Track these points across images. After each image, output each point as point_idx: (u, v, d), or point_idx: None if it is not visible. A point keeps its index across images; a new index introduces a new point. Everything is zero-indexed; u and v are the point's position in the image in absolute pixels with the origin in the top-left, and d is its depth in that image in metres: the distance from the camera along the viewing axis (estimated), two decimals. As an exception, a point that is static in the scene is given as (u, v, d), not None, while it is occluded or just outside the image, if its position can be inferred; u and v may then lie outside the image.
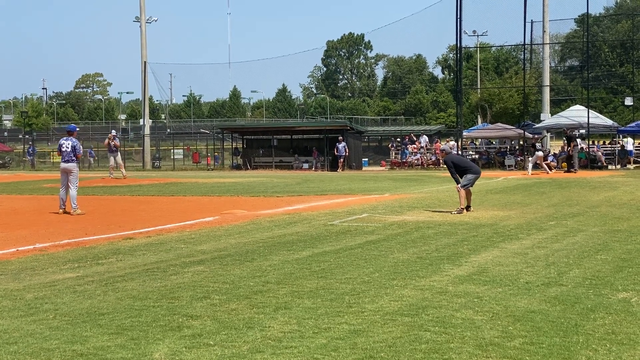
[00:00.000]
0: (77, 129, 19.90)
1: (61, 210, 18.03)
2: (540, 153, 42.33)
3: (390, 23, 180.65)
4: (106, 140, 37.45)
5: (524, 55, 59.11)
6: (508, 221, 15.15)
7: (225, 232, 13.67)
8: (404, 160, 51.39)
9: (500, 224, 14.68)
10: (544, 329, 6.41)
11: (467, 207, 17.15)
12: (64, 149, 18.46)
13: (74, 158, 18.48)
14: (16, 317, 6.89)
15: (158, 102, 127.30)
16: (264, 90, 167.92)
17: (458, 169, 17.53)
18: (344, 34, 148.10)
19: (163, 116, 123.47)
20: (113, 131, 41.69)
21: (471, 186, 17.43)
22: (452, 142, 49.40)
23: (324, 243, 12.04)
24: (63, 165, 18.52)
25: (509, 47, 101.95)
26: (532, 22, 54.20)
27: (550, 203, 19.53)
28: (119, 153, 36.98)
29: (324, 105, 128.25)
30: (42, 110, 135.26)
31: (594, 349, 5.84)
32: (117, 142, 36.66)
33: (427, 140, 54.10)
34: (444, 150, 18.97)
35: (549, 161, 41.20)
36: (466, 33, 66.51)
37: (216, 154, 60.24)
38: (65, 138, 18.78)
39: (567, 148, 40.58)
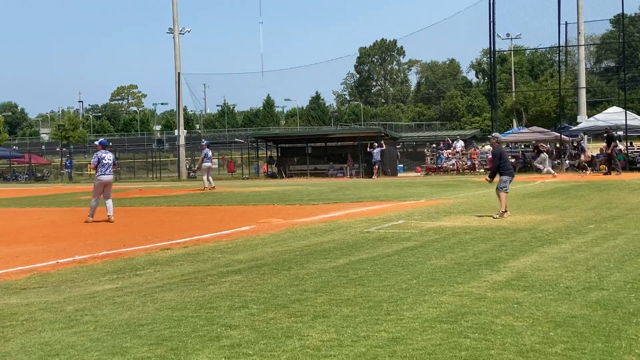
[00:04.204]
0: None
1: (91, 219, 18.60)
2: (544, 155, 42.26)
3: (423, 28, 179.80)
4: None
5: (559, 58, 58.55)
6: (546, 225, 14.99)
7: (261, 241, 13.69)
8: (440, 165, 51.14)
9: (539, 228, 14.54)
10: (585, 334, 6.33)
11: (508, 212, 17.11)
12: (106, 162, 18.95)
13: (112, 170, 19.22)
14: (57, 330, 6.94)
15: (192, 112, 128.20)
16: (298, 98, 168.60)
17: (500, 163, 17.46)
18: (377, 40, 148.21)
19: (197, 126, 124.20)
20: (205, 141, 41.84)
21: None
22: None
23: (361, 250, 12.00)
24: (106, 177, 19.07)
25: (544, 49, 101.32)
26: (566, 23, 53.67)
27: (589, 206, 19.31)
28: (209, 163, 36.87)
29: (357, 112, 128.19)
30: (79, 123, 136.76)
31: (637, 354, 5.75)
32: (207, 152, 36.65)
33: (463, 145, 53.76)
34: (497, 138, 18.50)
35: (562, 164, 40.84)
36: (500, 36, 65.95)
37: (256, 163, 60.31)
38: (104, 151, 19.18)
39: (607, 150, 40.13)
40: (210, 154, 37.21)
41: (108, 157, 19.13)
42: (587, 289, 8.24)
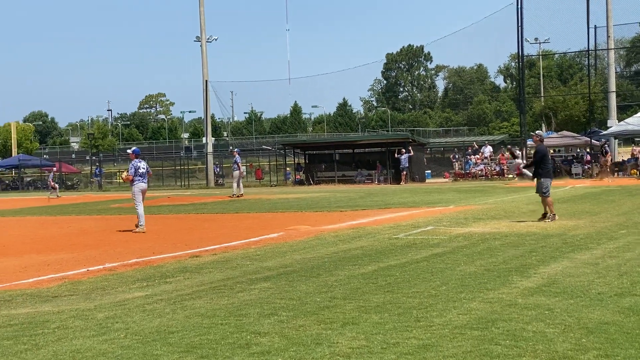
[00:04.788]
0: None
1: (143, 227, 18.47)
2: (519, 160, 42.62)
3: (450, 34, 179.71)
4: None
5: (589, 62, 58.21)
6: (577, 231, 14.87)
7: (290, 248, 13.69)
8: (468, 171, 50.91)
9: (569, 233, 14.42)
10: (618, 340, 6.26)
11: (545, 215, 17.07)
12: (142, 170, 19.02)
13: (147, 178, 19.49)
14: (88, 337, 6.98)
15: (220, 120, 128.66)
16: (325, 105, 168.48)
17: (541, 162, 17.41)
18: (403, 46, 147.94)
19: (225, 134, 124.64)
20: (236, 148, 42.17)
21: None
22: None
23: (389, 257, 11.97)
24: (144, 185, 19.17)
25: (573, 53, 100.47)
26: (595, 27, 53.24)
27: (621, 211, 19.13)
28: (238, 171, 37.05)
29: (385, 118, 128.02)
30: (108, 132, 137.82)
31: (672, 361, 5.67)
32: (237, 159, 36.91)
33: (492, 150, 53.44)
34: (539, 135, 18.32)
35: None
36: (528, 41, 65.64)
37: (287, 170, 60.34)
38: (138, 160, 19.18)
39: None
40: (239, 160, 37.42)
41: (142, 165, 19.18)
42: (619, 295, 8.15)
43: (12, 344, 6.80)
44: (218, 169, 62.19)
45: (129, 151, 19.91)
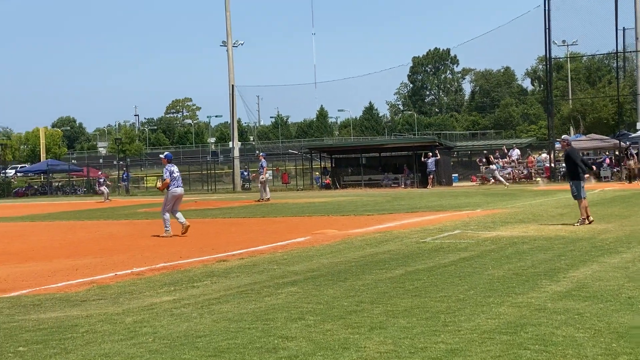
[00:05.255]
0: None
1: (171, 233, 18.35)
2: (493, 167, 43.44)
3: (477, 37, 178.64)
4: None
5: (617, 64, 57.61)
6: (607, 234, 14.73)
7: (317, 252, 13.69)
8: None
9: (599, 237, 14.29)
10: (649, 345, 6.18)
11: (587, 218, 17.01)
12: (176, 174, 18.89)
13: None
14: (116, 341, 7.01)
15: (246, 124, 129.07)
16: (351, 108, 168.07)
17: (577, 166, 17.34)
18: (430, 50, 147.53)
19: (251, 138, 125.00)
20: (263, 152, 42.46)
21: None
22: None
23: (417, 261, 11.93)
24: (180, 190, 18.92)
25: (601, 55, 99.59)
26: (624, 29, 52.84)
27: (650, 214, 18.93)
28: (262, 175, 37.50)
29: (411, 122, 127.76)
30: (135, 137, 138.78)
31: None
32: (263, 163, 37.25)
33: (519, 153, 53.08)
34: (566, 140, 18.26)
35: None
36: (555, 43, 65.10)
37: (316, 174, 60.40)
38: (171, 164, 19.04)
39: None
40: (265, 164, 37.60)
41: (176, 170, 19.07)
42: (650, 299, 8.06)
43: (42, 348, 6.84)
44: (245, 173, 62.35)
45: (161, 156, 19.67)
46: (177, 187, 18.85)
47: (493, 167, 44.97)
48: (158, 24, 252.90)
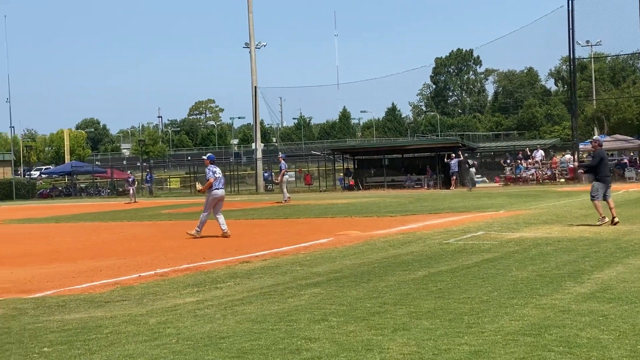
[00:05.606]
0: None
1: (198, 234, 18.30)
2: (473, 170, 44.22)
3: (499, 37, 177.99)
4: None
5: (641, 64, 57.13)
6: (631, 235, 14.61)
7: (339, 254, 13.68)
8: (519, 175, 50.39)
9: (623, 238, 14.18)
10: (676, 348, 6.12)
11: (607, 218, 16.91)
12: (218, 176, 18.77)
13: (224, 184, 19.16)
14: (140, 342, 7.05)
15: (269, 125, 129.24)
16: (373, 110, 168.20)
17: (598, 166, 17.23)
18: (452, 50, 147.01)
19: (274, 139, 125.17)
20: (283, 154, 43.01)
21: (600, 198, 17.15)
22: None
23: (440, 262, 11.89)
24: (221, 192, 18.76)
25: (625, 55, 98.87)
26: (648, 29, 52.33)
27: (676, 215, 18.75)
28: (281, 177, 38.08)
29: (434, 123, 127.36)
30: (158, 138, 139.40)
31: None
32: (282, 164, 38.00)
33: (543, 154, 52.74)
34: (597, 141, 18.23)
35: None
36: (579, 43, 64.65)
37: (340, 175, 60.38)
38: (213, 166, 18.94)
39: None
40: (285, 166, 37.96)
41: (218, 171, 18.92)
42: (676, 301, 7.99)
43: (67, 349, 6.89)
44: (267, 175, 62.44)
45: (204, 157, 19.38)
46: (219, 188, 18.68)
47: (473, 170, 46.34)
48: (182, 26, 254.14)
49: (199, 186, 20.05)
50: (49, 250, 17.03)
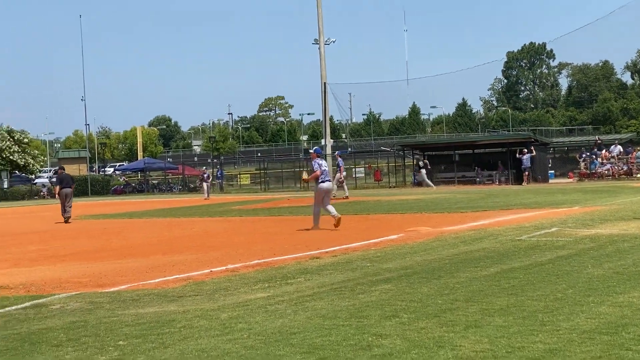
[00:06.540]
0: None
1: (317, 227, 18.64)
2: (424, 171, 43.99)
3: (573, 30, 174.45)
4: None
5: None
6: None
7: (410, 250, 13.59)
8: (594, 171, 49.39)
9: None
10: None
11: None
12: (324, 168, 19.08)
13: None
14: (213, 337, 7.10)
15: (338, 121, 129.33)
16: (443, 105, 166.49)
17: None
18: (525, 44, 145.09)
19: (344, 135, 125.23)
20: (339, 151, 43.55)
21: None
22: None
23: (512, 259, 11.71)
24: (327, 184, 19.12)
25: None
26: None
27: None
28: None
29: (505, 118, 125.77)
30: (229, 135, 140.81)
31: None
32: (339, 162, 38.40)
33: (621, 150, 51.40)
34: None
35: None
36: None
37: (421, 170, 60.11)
38: (319, 159, 19.23)
39: None
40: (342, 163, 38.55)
41: (324, 164, 19.31)
42: None
43: (141, 342, 6.99)
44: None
45: (311, 151, 19.90)
46: (326, 181, 19.04)
47: (423, 171, 48.20)
48: (250, 23, 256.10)
49: (305, 175, 20.30)
50: (123, 246, 17.34)
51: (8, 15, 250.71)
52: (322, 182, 18.86)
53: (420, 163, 50.04)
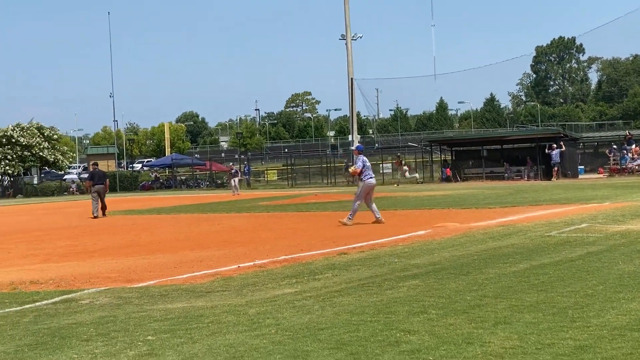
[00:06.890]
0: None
1: (350, 222, 18.66)
2: (405, 167, 44.33)
3: (603, 24, 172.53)
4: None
5: None
6: None
7: (438, 246, 13.53)
8: (624, 166, 48.89)
9: None
10: None
11: None
12: (368, 164, 19.33)
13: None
14: (241, 332, 7.11)
15: (365, 117, 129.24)
16: (471, 100, 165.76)
17: None
18: (554, 39, 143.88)
19: (371, 131, 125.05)
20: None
21: None
22: None
23: (542, 255, 11.62)
24: (374, 180, 19.55)
25: None
26: None
27: None
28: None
29: (534, 113, 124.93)
30: (256, 131, 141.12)
31: None
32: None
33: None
34: None
35: None
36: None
37: (438, 166, 59.92)
38: (362, 155, 19.52)
39: None
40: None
41: (367, 160, 19.51)
42: None
43: (170, 337, 7.01)
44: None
45: (352, 148, 20.30)
46: (371, 177, 19.31)
47: (405, 167, 50.01)
48: (278, 19, 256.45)
49: (353, 168, 20.45)
50: (151, 241, 17.43)
51: (38, 14, 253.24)
52: (370, 177, 19.19)
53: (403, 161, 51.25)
